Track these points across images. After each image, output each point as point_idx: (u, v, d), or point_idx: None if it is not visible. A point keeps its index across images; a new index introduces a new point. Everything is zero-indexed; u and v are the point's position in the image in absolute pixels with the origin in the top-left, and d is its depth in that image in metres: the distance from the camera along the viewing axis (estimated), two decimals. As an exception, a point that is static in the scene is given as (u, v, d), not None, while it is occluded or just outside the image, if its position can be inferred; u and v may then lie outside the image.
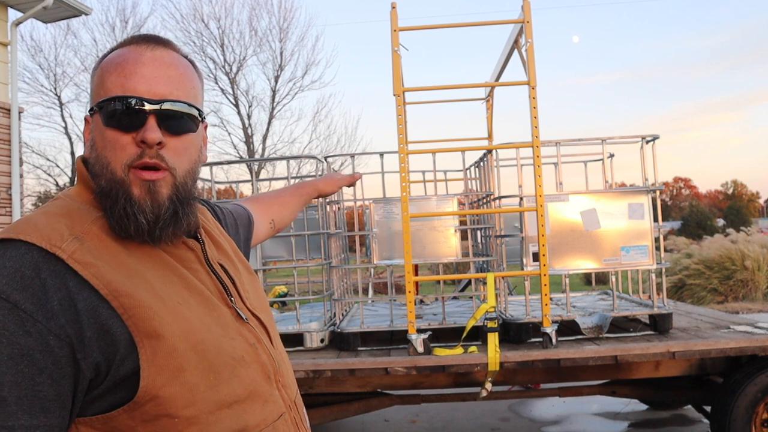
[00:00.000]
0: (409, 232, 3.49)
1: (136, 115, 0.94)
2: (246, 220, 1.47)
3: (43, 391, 0.82)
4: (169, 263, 0.98)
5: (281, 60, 19.48)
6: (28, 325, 0.82)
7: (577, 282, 12.09)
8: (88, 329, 0.85)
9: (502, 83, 4.40)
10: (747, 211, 54.04)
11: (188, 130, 0.99)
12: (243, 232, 1.43)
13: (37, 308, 0.83)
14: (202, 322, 0.95)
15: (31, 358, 0.82)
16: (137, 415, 0.87)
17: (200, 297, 0.99)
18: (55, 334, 0.83)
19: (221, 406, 0.93)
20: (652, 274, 3.88)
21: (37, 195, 20.10)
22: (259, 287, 1.19)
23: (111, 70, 0.97)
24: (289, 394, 1.08)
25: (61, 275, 0.86)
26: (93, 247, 0.90)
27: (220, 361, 0.95)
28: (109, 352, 0.86)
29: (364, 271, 5.22)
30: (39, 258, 0.86)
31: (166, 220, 0.96)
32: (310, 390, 3.64)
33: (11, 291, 0.83)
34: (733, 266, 10.72)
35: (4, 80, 7.81)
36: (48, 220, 0.92)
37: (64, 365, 0.84)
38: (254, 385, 0.99)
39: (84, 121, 1.03)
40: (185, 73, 1.01)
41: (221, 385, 0.94)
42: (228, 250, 1.16)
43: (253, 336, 1.04)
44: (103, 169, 0.95)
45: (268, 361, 1.04)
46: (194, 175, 1.03)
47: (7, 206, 7.73)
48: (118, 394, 0.88)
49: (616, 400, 4.95)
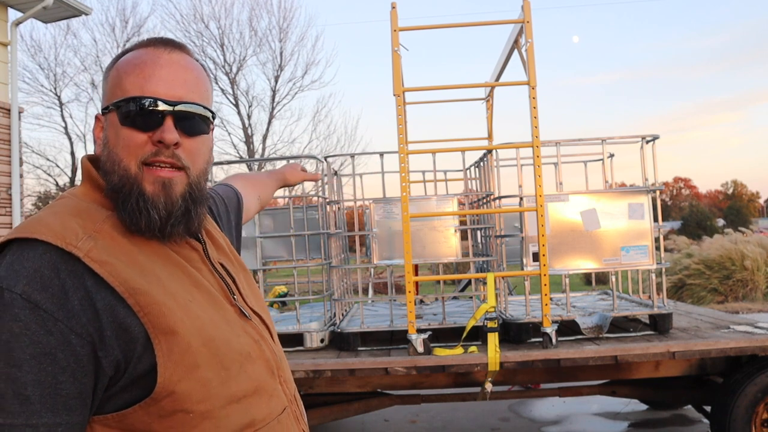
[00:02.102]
0: (409, 232, 3.49)
1: (153, 116, 0.96)
2: (236, 202, 1.48)
3: (66, 389, 0.84)
4: (177, 262, 1.00)
5: (281, 60, 19.49)
6: (49, 324, 0.83)
7: (577, 282, 12.08)
8: (107, 328, 0.86)
9: (502, 83, 4.40)
10: (747, 211, 54.02)
11: (202, 131, 1.02)
12: (233, 216, 1.45)
13: (57, 308, 0.84)
14: (211, 319, 0.97)
15: (53, 357, 0.83)
16: (153, 411, 0.89)
17: (207, 295, 1.00)
18: (77, 333, 0.84)
19: (231, 400, 0.95)
20: (652, 274, 3.88)
21: (37, 195, 20.09)
22: (254, 285, 1.21)
23: (129, 71, 0.99)
24: (290, 389, 1.10)
25: (79, 275, 0.87)
26: (107, 246, 0.91)
27: (230, 357, 0.96)
28: (127, 349, 0.87)
29: (364, 271, 5.22)
30: (57, 258, 0.87)
31: (177, 217, 0.97)
32: (310, 390, 3.64)
33: (32, 291, 0.84)
34: (732, 266, 10.72)
35: (4, 80, 7.81)
36: (60, 220, 0.92)
37: (86, 363, 0.85)
38: (260, 380, 1.01)
39: (95, 120, 1.05)
40: (199, 77, 1.04)
41: (231, 380, 0.96)
42: (226, 249, 1.18)
43: (257, 333, 1.06)
44: (115, 166, 0.96)
45: (271, 357, 1.06)
46: (206, 175, 1.06)
47: (7, 206, 7.73)
48: (134, 391, 0.89)
49: (616, 400, 4.95)
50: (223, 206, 1.41)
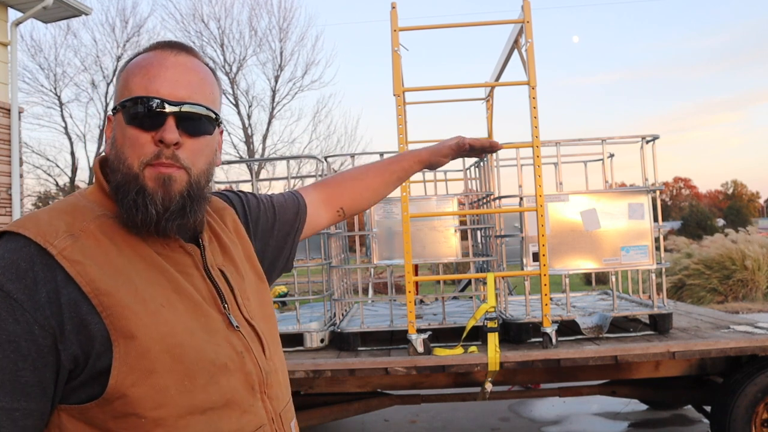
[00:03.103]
0: (409, 232, 3.49)
1: (156, 116, 0.98)
2: (291, 214, 1.38)
3: (25, 376, 0.87)
4: (160, 266, 1.00)
5: (281, 60, 19.53)
6: (18, 313, 0.87)
7: (577, 282, 12.09)
8: (68, 322, 0.88)
9: (502, 83, 4.40)
10: (747, 211, 54.00)
11: (205, 132, 1.04)
12: (282, 227, 1.35)
13: (27, 298, 0.87)
14: (185, 326, 0.96)
15: (16, 345, 0.86)
16: (107, 411, 0.90)
17: (189, 301, 1.00)
18: (40, 324, 0.87)
19: (193, 411, 0.94)
20: (652, 274, 3.88)
21: (37, 195, 20.14)
22: (266, 296, 1.18)
23: (136, 72, 1.02)
24: (275, 406, 1.07)
25: (52, 269, 0.90)
26: (85, 245, 0.93)
27: (199, 366, 0.95)
28: (86, 345, 0.89)
29: (364, 271, 5.22)
30: (34, 252, 0.90)
31: (174, 212, 0.99)
32: (310, 390, 3.64)
33: (6, 281, 0.88)
34: (733, 266, 10.72)
35: (4, 80, 7.81)
36: (50, 217, 0.96)
37: (47, 354, 0.88)
38: (233, 393, 0.99)
39: (107, 120, 1.08)
40: (205, 79, 1.06)
41: (196, 390, 0.95)
42: (236, 255, 1.15)
43: (242, 344, 1.04)
44: (120, 164, 0.99)
45: (254, 371, 1.04)
46: (208, 176, 1.06)
47: (7, 206, 7.73)
48: (93, 387, 0.91)
49: (616, 400, 4.95)
50: (271, 213, 1.34)
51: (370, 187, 1.52)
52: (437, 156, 1.55)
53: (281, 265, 1.37)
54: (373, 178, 1.52)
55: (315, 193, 1.46)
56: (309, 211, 1.42)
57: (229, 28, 19.42)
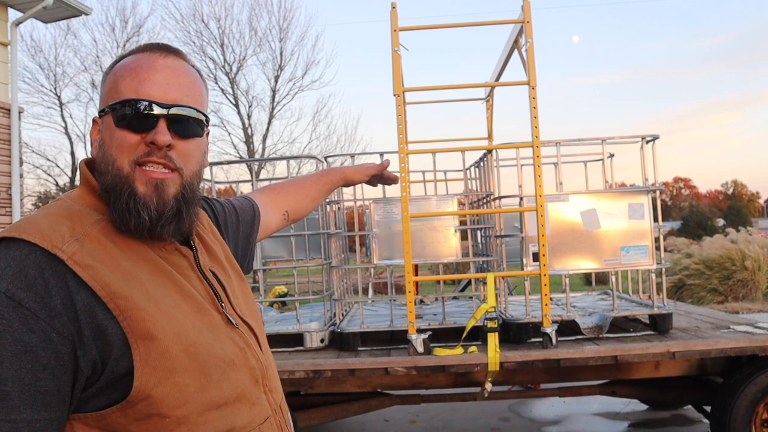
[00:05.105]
0: (409, 232, 3.49)
1: (147, 118, 0.98)
2: (250, 216, 1.46)
3: (45, 386, 0.85)
4: (163, 268, 1.01)
5: (281, 60, 19.46)
6: (32, 322, 0.85)
7: (577, 282, 12.09)
8: (86, 327, 0.88)
9: (502, 83, 4.40)
10: (747, 211, 54.03)
11: (196, 134, 1.04)
12: (245, 228, 1.43)
13: (40, 306, 0.86)
14: (194, 325, 0.98)
15: (34, 355, 0.85)
16: (130, 414, 0.90)
17: (193, 302, 1.01)
18: (59, 331, 0.86)
19: (210, 407, 0.96)
20: (652, 274, 3.88)
21: (37, 195, 20.09)
22: (249, 293, 1.22)
23: (125, 74, 1.01)
24: (275, 398, 1.11)
25: (62, 275, 0.88)
26: (92, 250, 0.93)
27: (211, 363, 0.97)
28: (104, 351, 0.89)
29: (364, 271, 5.22)
30: (42, 258, 0.89)
31: (168, 218, 0.99)
32: (310, 390, 3.64)
33: (16, 290, 0.86)
34: (733, 266, 10.71)
35: (4, 80, 7.81)
36: (50, 222, 0.94)
37: (66, 362, 0.87)
38: (243, 387, 1.02)
39: (92, 123, 1.07)
40: (194, 81, 1.06)
41: (211, 386, 0.97)
42: (220, 256, 1.19)
43: (243, 341, 1.07)
44: (109, 167, 0.98)
45: (256, 365, 1.07)
46: (199, 178, 1.07)
47: (7, 206, 7.73)
48: (112, 393, 0.90)
49: (616, 400, 4.95)
50: (233, 216, 1.40)
51: (309, 194, 1.67)
52: (359, 175, 1.75)
53: (245, 267, 1.40)
54: (309, 187, 1.68)
55: (262, 196, 1.55)
56: (261, 212, 1.50)
57: (229, 28, 19.37)
